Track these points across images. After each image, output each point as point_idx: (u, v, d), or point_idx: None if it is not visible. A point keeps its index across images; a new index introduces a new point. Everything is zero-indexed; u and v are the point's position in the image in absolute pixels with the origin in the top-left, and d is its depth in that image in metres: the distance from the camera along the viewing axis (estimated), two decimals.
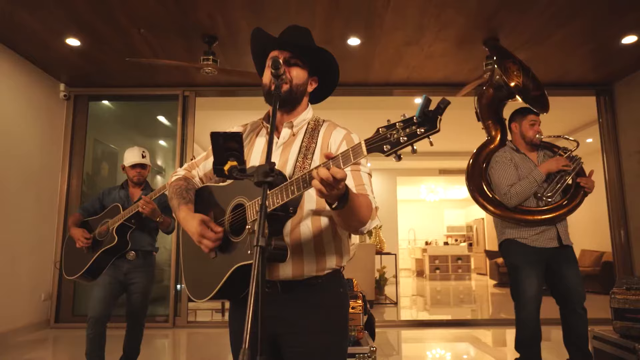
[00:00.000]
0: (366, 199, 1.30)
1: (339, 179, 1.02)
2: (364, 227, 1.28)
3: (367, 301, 2.76)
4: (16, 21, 3.75)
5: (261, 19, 3.75)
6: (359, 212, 1.23)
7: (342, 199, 1.11)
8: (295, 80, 1.45)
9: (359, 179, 1.38)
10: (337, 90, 5.18)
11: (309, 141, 1.46)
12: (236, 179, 1.14)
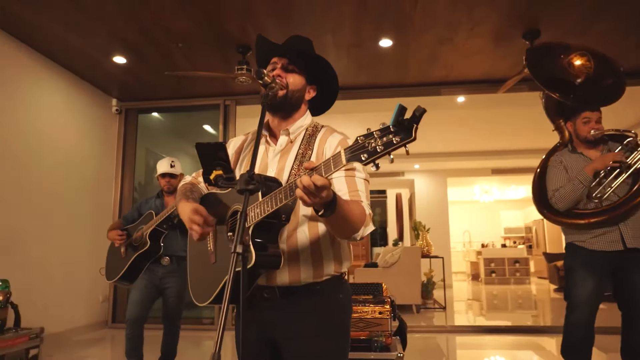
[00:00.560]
0: (359, 205, 1.29)
1: (319, 187, 1.02)
2: (357, 234, 1.27)
3: (396, 306, 2.70)
4: (69, 44, 4.07)
5: (289, 26, 3.81)
6: (349, 219, 1.22)
7: (329, 206, 1.11)
8: (292, 86, 1.47)
9: (353, 185, 1.37)
10: (373, 92, 5.18)
11: (306, 148, 1.47)
12: (221, 187, 1.17)
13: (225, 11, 3.58)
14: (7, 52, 3.88)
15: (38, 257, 4.07)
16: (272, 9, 3.56)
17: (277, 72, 1.46)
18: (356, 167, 1.41)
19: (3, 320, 3.05)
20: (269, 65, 1.50)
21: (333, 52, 4.24)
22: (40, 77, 4.25)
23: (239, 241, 1.05)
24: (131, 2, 3.41)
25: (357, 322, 2.59)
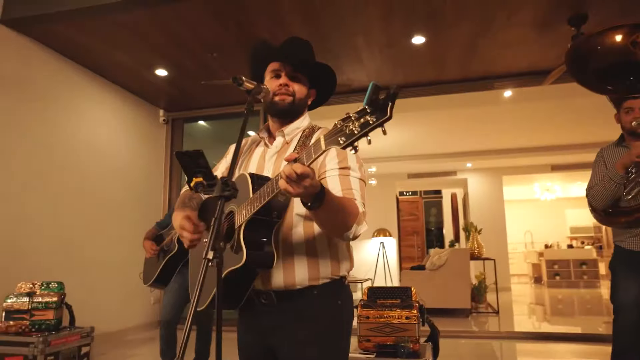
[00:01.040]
0: (351, 202, 1.26)
1: (300, 174, 1.01)
2: (349, 232, 1.23)
3: (425, 311, 2.61)
4: (115, 60, 4.33)
5: (319, 30, 3.82)
6: (339, 214, 1.19)
7: (316, 198, 1.09)
8: (298, 95, 1.47)
9: (347, 184, 1.34)
10: (409, 91, 5.08)
11: (301, 148, 1.46)
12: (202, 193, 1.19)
13: (255, 19, 3.66)
14: (63, 73, 4.19)
15: (93, 261, 4.36)
16: (300, 15, 3.58)
17: (284, 80, 1.46)
18: (351, 167, 1.38)
19: (58, 320, 3.28)
20: (269, 71, 1.50)
21: (366, 53, 4.20)
22: (93, 93, 4.56)
23: (210, 247, 1.07)
24: (166, 16, 3.57)
25: (384, 327, 2.54)
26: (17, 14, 3.61)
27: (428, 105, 5.94)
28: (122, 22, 3.63)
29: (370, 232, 10.02)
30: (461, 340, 4.61)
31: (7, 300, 3.20)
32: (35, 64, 3.91)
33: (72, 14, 3.54)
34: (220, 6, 3.43)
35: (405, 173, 10.63)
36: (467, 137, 8.13)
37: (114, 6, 3.40)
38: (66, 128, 4.19)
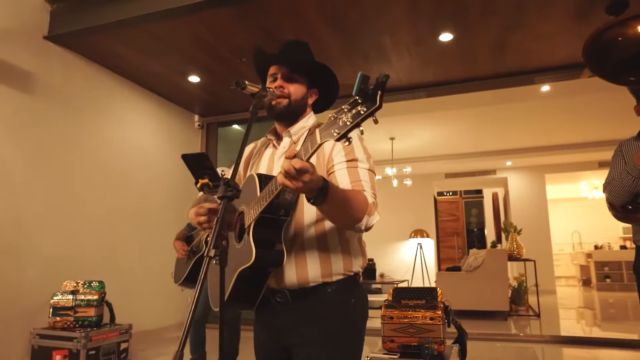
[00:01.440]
0: (359, 194, 1.26)
1: (298, 169, 1.02)
2: (361, 224, 1.23)
3: (451, 312, 2.57)
4: (150, 69, 4.52)
5: (344, 32, 3.83)
6: (347, 207, 1.20)
7: (320, 193, 1.11)
8: (294, 96, 1.48)
9: (355, 175, 1.34)
10: (440, 89, 4.99)
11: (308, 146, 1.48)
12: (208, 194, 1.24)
13: (279, 23, 3.72)
14: (104, 84, 4.42)
15: (133, 262, 4.56)
16: (324, 17, 3.61)
17: (279, 82, 1.48)
18: (358, 158, 1.38)
19: (99, 317, 3.46)
20: (269, 75, 1.53)
21: (393, 52, 4.17)
22: (132, 102, 4.79)
23: (212, 245, 1.11)
24: (194, 25, 3.69)
25: (408, 327, 2.51)
26: (61, 30, 3.84)
27: (463, 102, 5.82)
28: (154, 32, 3.78)
29: (407, 233, 9.90)
30: (497, 344, 4.48)
31: (53, 298, 3.41)
32: (79, 76, 4.14)
33: (109, 27, 3.73)
34: (244, 12, 3.52)
35: (442, 173, 10.43)
36: (506, 135, 7.89)
37: (145, 17, 3.56)
38: (108, 136, 4.41)
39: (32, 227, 3.57)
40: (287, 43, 1.59)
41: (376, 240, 10.07)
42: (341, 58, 4.34)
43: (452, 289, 5.84)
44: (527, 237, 8.46)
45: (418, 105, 5.74)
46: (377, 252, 9.74)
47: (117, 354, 3.42)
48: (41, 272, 3.59)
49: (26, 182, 3.56)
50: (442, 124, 7.35)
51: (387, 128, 7.52)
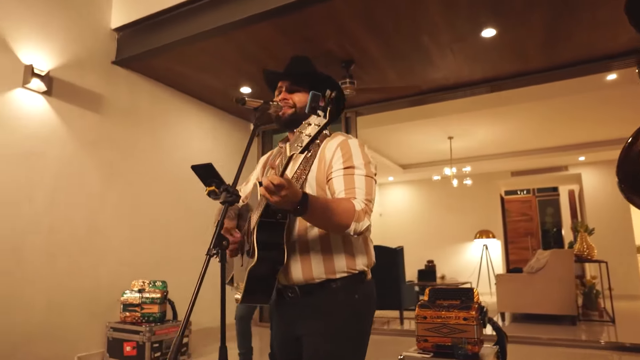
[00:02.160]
0: (346, 202, 1.36)
1: (276, 185, 1.15)
2: (348, 230, 1.34)
3: (486, 313, 2.54)
4: (206, 83, 4.86)
5: (383, 36, 3.88)
6: (329, 216, 1.31)
7: (299, 206, 1.22)
8: (299, 104, 1.61)
9: (350, 183, 1.44)
10: (491, 85, 4.89)
11: (312, 154, 1.59)
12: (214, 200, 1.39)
13: (321, 33, 3.85)
14: (166, 100, 4.83)
15: (193, 264, 4.90)
16: (361, 22, 3.69)
17: (282, 95, 1.63)
18: (355, 165, 1.48)
19: (162, 313, 3.80)
20: (276, 89, 1.68)
21: (435, 51, 4.15)
22: (192, 115, 5.17)
23: (212, 245, 1.26)
24: (240, 39, 3.93)
25: (441, 327, 2.52)
26: (126, 55, 4.27)
27: (523, 97, 5.60)
28: (206, 49, 4.08)
29: (472, 234, 9.60)
30: (562, 349, 4.26)
31: (123, 295, 3.79)
32: (142, 95, 4.57)
33: (166, 48, 4.08)
34: (284, 25, 3.69)
35: (507, 171, 9.99)
36: (576, 128, 7.42)
37: (197, 36, 3.86)
38: (170, 147, 4.81)
39: (105, 232, 3.99)
40: (291, 59, 1.73)
41: (437, 242, 9.87)
42: (384, 61, 4.38)
43: (514, 292, 5.62)
44: (606, 237, 7.89)
45: (475, 102, 5.61)
46: (438, 254, 9.55)
47: None
48: (114, 273, 4.00)
49: (100, 192, 3.99)
50: (503, 121, 7.08)
51: (444, 127, 7.39)
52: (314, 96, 1.07)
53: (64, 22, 3.84)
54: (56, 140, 3.69)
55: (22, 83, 3.49)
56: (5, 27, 3.41)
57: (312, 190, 1.50)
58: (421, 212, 10.46)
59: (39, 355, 3.36)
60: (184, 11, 3.91)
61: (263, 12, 3.49)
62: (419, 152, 8.84)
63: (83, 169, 3.88)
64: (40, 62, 3.61)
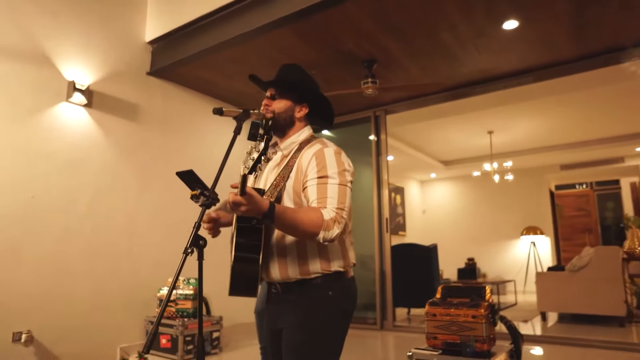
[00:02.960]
0: (314, 212, 1.44)
1: (231, 202, 1.28)
2: (318, 237, 1.43)
3: (497, 311, 2.51)
4: (235, 89, 5.05)
5: (400, 34, 3.88)
6: (296, 225, 1.41)
7: (266, 216, 1.34)
8: (278, 110, 1.71)
9: (323, 192, 1.52)
10: (521, 78, 4.83)
11: (292, 161, 1.68)
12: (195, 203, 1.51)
13: (339, 35, 3.91)
14: (198, 106, 5.08)
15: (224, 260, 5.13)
16: (379, 25, 3.71)
17: (265, 101, 1.73)
18: (329, 175, 1.56)
19: (195, 309, 4.02)
20: None
21: (457, 48, 4.09)
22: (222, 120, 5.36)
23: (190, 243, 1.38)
24: (262, 46, 4.07)
25: (450, 325, 2.52)
26: (160, 65, 4.54)
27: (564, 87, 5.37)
28: (231, 56, 4.26)
29: (518, 231, 9.26)
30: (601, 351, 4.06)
31: (159, 291, 4.05)
32: (176, 103, 4.83)
33: (195, 57, 4.30)
34: (303, 30, 3.79)
35: (556, 164, 9.53)
36: (630, 117, 6.98)
37: (221, 45, 4.04)
38: (203, 152, 5.04)
39: (142, 233, 4.28)
40: (280, 67, 1.83)
41: (480, 239, 9.61)
42: (406, 60, 4.37)
43: (555, 291, 5.40)
44: None
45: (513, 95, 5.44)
46: (481, 252, 9.31)
47: (210, 341, 3.94)
48: (151, 271, 4.27)
49: (137, 195, 4.28)
50: (546, 112, 6.80)
51: (483, 122, 7.21)
52: (253, 124, 1.20)
53: (102, 39, 4.15)
54: (96, 148, 4.00)
55: (65, 97, 3.82)
56: (51, 47, 3.75)
57: (289, 198, 1.59)
58: (463, 209, 10.21)
59: (84, 344, 3.67)
60: (209, 22, 4.11)
61: (280, 19, 3.61)
62: (459, 148, 8.66)
63: (121, 174, 4.18)
64: (81, 77, 3.93)
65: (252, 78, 1.81)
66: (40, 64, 3.67)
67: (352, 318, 1.65)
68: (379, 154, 5.65)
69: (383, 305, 5.20)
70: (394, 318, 5.22)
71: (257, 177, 1.85)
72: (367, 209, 5.61)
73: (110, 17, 4.24)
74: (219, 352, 4.01)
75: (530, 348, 4.19)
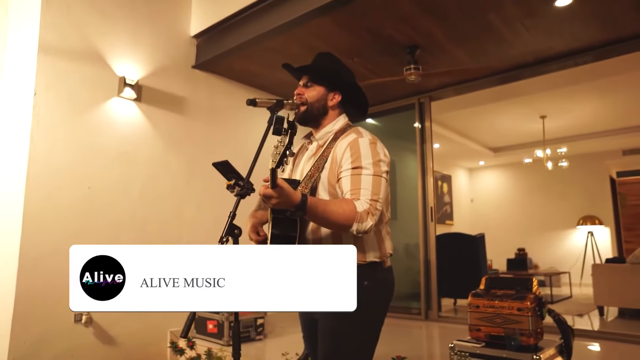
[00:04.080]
0: (346, 204, 1.45)
1: (264, 194, 1.32)
2: (352, 229, 1.44)
3: (545, 304, 2.40)
4: (278, 79, 5.07)
5: (444, 16, 3.75)
6: (329, 218, 1.42)
7: (298, 208, 1.36)
8: (310, 99, 1.72)
9: (356, 183, 1.52)
10: (578, 58, 4.61)
11: (327, 151, 1.68)
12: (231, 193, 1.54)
13: (379, 21, 3.84)
14: (241, 97, 5.14)
15: None
16: (420, 8, 3.59)
17: (297, 90, 1.74)
18: (363, 165, 1.55)
19: None
20: None
21: (505, 29, 3.90)
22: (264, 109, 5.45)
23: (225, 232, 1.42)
24: (302, 35, 4.07)
25: (494, 317, 2.45)
26: (204, 58, 4.65)
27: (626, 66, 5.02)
28: (272, 47, 4.29)
29: (574, 220, 8.81)
30: None
31: None
32: (221, 95, 4.94)
33: (238, 49, 4.36)
34: (342, 17, 3.74)
35: (618, 149, 8.94)
36: None
37: (261, 37, 4.08)
38: (247, 142, 5.12)
39: (190, 223, 4.44)
40: (315, 56, 1.82)
41: (532, 229, 9.23)
42: (450, 44, 4.22)
43: (614, 284, 5.11)
44: None
45: (566, 77, 5.15)
46: (533, 242, 8.94)
47: (254, 327, 4.04)
48: None
49: (184, 186, 4.44)
50: (605, 94, 6.39)
51: (535, 106, 6.88)
52: (277, 118, 1.22)
53: (150, 35, 4.30)
54: (146, 141, 4.17)
55: (117, 93, 4.00)
56: (103, 45, 3.93)
57: (324, 189, 1.59)
58: (513, 197, 9.81)
59: (136, 328, 3.88)
60: (250, 14, 4.14)
61: (319, 7, 3.58)
62: (509, 134, 8.32)
63: (169, 165, 4.34)
64: (131, 73, 4.10)
65: (286, 66, 1.82)
66: (94, 61, 3.86)
67: (397, 308, 1.65)
68: (423, 141, 5.53)
69: (428, 295, 5.13)
70: (439, 308, 5.13)
71: (294, 168, 1.86)
72: (412, 197, 5.53)
73: (157, 13, 4.38)
74: (264, 338, 4.11)
75: (587, 344, 3.99)
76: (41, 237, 3.38)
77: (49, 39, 3.57)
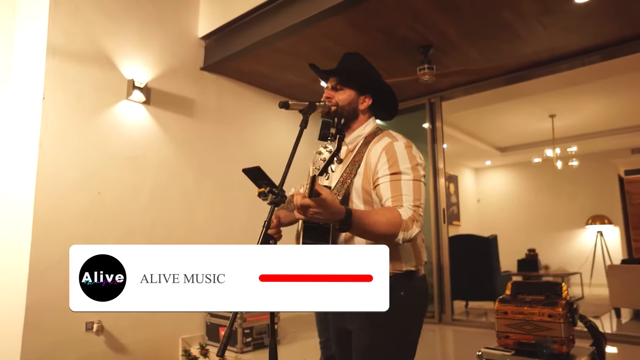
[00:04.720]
0: (390, 213, 1.37)
1: (302, 205, 1.22)
2: (397, 239, 1.36)
3: (577, 310, 2.33)
4: (287, 80, 5.01)
5: (459, 14, 3.68)
6: (375, 230, 1.33)
7: (343, 222, 1.27)
8: (341, 102, 1.64)
9: (397, 190, 1.44)
10: (586, 58, 4.53)
11: (359, 156, 1.60)
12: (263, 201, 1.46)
13: (392, 21, 3.77)
14: (251, 99, 5.09)
15: None
16: (434, 6, 3.53)
17: (326, 93, 1.66)
18: (401, 170, 1.47)
19: None
20: None
21: (521, 26, 3.83)
22: (276, 112, 5.36)
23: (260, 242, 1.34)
24: (314, 36, 3.99)
25: (523, 324, 2.37)
26: (213, 60, 4.57)
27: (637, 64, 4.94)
28: (282, 48, 4.22)
29: (583, 220, 8.73)
30: None
31: None
32: (230, 97, 4.87)
33: (246, 50, 4.29)
34: (355, 17, 3.67)
35: (627, 148, 8.86)
36: None
37: (271, 38, 4.00)
38: (257, 144, 5.06)
39: (200, 226, 4.36)
40: (342, 56, 1.74)
41: (541, 229, 9.15)
42: (463, 42, 4.15)
43: (632, 285, 5.03)
44: None
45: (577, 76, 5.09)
46: (542, 242, 8.85)
47: (268, 333, 3.96)
48: None
49: (194, 188, 4.36)
50: (615, 93, 6.31)
51: (545, 105, 6.80)
52: (323, 123, 1.13)
53: (158, 37, 4.23)
54: (155, 143, 4.10)
55: (126, 96, 3.92)
56: (111, 48, 3.86)
57: (357, 196, 1.52)
58: (522, 198, 9.73)
59: (148, 336, 3.80)
60: (259, 15, 4.06)
61: (331, 7, 3.50)
62: (517, 134, 8.24)
63: (179, 168, 4.26)
64: (139, 76, 4.02)
65: (312, 67, 1.75)
66: (103, 64, 3.78)
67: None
68: (434, 142, 5.46)
69: (441, 299, 5.05)
70: (452, 311, 5.05)
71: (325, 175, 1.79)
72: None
73: (164, 15, 4.31)
74: (277, 344, 4.03)
75: None
76: (51, 246, 3.30)
77: (57, 41, 3.50)
